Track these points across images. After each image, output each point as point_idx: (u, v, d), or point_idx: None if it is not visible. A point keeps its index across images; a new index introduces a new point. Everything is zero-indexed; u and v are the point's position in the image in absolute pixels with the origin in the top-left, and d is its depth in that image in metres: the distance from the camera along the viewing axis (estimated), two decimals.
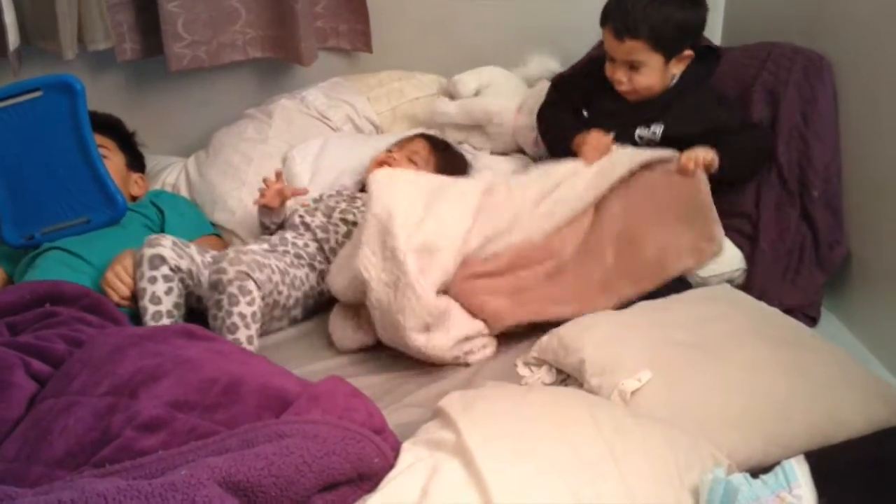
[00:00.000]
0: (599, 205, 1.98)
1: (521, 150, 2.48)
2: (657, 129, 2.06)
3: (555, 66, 2.61)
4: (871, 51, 1.96)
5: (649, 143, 2.07)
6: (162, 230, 2.11)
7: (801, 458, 1.31)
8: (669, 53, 2.02)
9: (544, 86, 2.39)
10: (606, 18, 2.05)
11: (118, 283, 1.85)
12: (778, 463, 1.31)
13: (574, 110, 2.18)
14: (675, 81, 2.10)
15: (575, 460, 1.28)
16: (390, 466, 1.32)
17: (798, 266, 2.03)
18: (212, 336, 1.54)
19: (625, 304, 1.84)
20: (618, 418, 1.41)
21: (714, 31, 2.69)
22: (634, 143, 2.07)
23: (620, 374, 1.53)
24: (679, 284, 1.91)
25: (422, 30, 2.67)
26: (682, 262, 1.93)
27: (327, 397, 1.35)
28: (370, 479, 1.30)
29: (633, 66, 2.03)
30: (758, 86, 2.16)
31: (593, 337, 1.64)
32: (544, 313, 1.83)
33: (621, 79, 2.05)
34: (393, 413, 1.59)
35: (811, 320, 1.98)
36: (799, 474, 1.28)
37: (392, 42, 2.63)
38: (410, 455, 1.34)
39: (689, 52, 2.05)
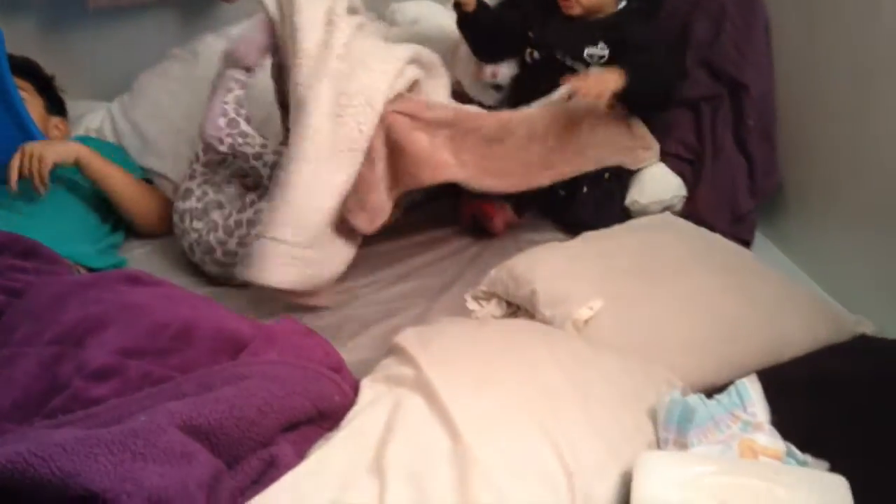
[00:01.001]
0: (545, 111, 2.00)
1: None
2: (605, 50, 2.06)
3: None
4: None
5: (599, 60, 2.07)
6: None
7: (754, 377, 1.34)
8: None
9: None
10: None
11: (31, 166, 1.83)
12: (731, 383, 1.34)
13: (521, 27, 2.16)
14: (619, 7, 2.10)
15: (536, 390, 1.29)
16: (351, 404, 1.31)
17: (733, 193, 2.06)
18: (158, 280, 1.49)
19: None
20: (573, 347, 1.42)
21: None
22: (585, 63, 2.06)
23: (572, 304, 1.54)
24: (621, 211, 1.95)
25: None
26: (618, 158, 2.03)
27: (282, 338, 1.33)
28: (331, 417, 1.29)
29: None
30: (697, 13, 2.18)
31: (543, 268, 1.64)
32: (481, 182, 1.86)
33: None
34: (345, 354, 1.56)
35: (745, 244, 2.02)
36: (752, 393, 1.31)
37: None
38: (371, 392, 1.33)
39: None
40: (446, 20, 2.47)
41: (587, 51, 2.06)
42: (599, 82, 1.89)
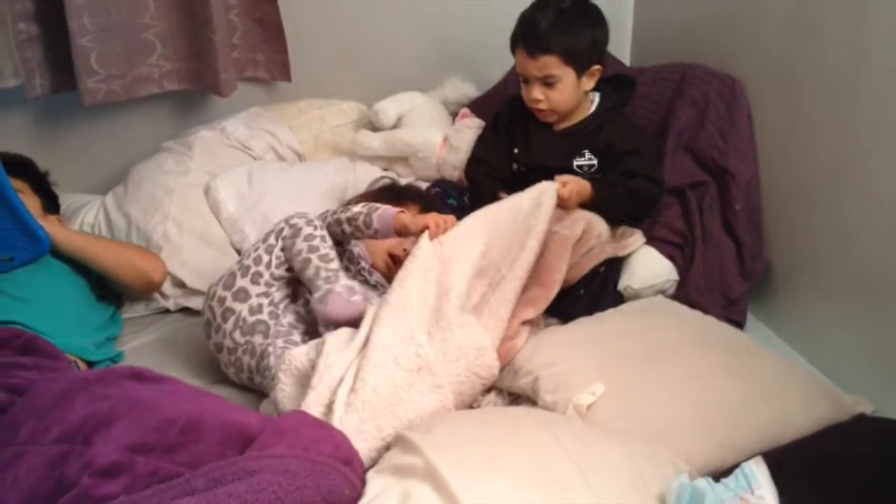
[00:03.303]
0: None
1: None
2: (593, 159, 2.12)
3: (470, 90, 2.65)
4: (780, 70, 2.05)
5: (588, 170, 2.13)
6: None
7: (760, 459, 1.35)
8: (580, 68, 2.08)
9: (468, 122, 2.43)
10: (517, 40, 2.10)
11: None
12: (737, 465, 1.35)
13: (506, 151, 2.24)
14: (594, 109, 2.16)
15: (543, 476, 1.29)
16: (360, 496, 1.30)
17: (724, 276, 2.09)
18: (161, 377, 1.48)
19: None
20: (577, 433, 1.43)
21: (623, 52, 2.77)
22: (576, 174, 2.11)
23: (574, 390, 1.55)
24: (616, 298, 1.97)
25: (339, 57, 2.67)
26: (606, 253, 2.01)
27: (291, 430, 1.32)
28: None
29: (548, 83, 2.08)
30: (681, 100, 2.24)
31: (543, 356, 1.65)
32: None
33: (538, 97, 2.09)
34: None
35: (738, 325, 2.04)
36: (759, 475, 1.32)
37: (310, 71, 2.62)
38: (377, 484, 1.33)
39: (597, 67, 2.11)
40: (428, 114, 2.53)
41: (576, 162, 2.12)
42: (580, 190, 2.00)
